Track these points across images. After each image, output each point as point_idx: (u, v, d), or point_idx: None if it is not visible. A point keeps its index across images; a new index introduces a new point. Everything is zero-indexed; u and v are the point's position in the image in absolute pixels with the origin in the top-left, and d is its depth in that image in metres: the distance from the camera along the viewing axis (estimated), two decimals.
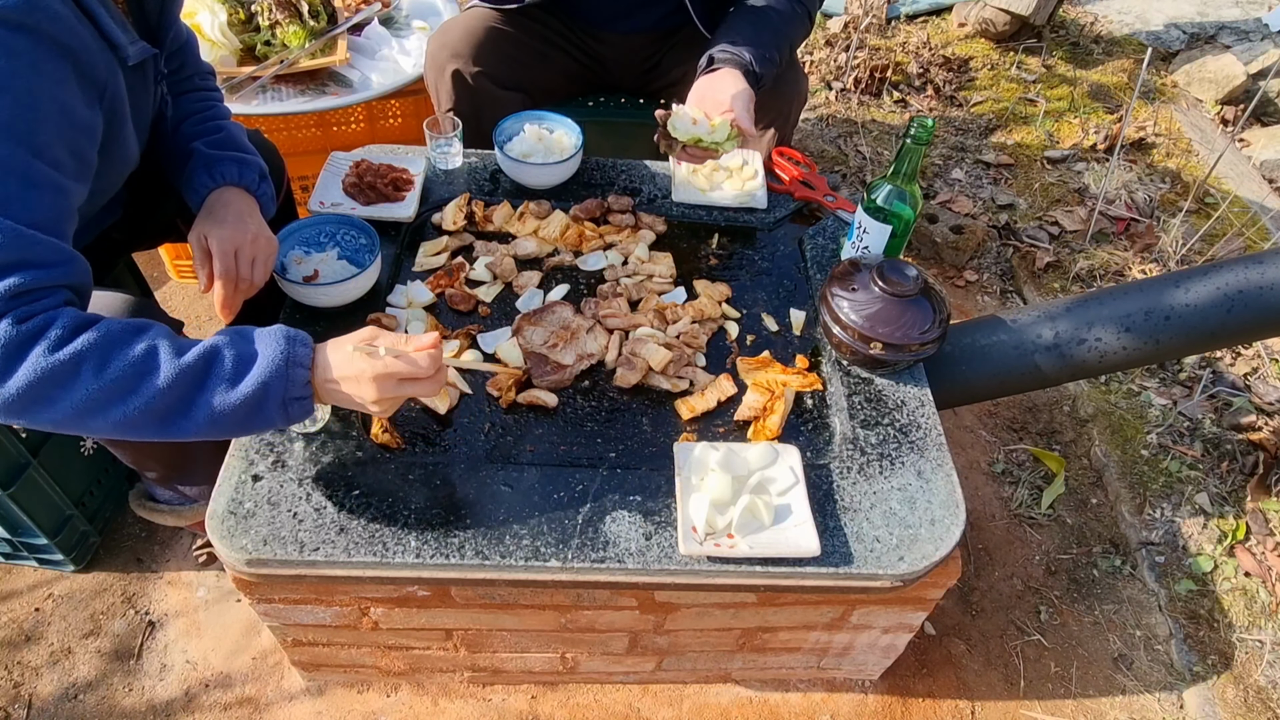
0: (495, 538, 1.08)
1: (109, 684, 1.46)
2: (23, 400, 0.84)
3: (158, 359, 0.88)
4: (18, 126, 0.85)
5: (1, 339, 0.83)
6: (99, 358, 0.86)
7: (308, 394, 0.95)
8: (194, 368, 0.89)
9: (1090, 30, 3.43)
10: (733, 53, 1.48)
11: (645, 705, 1.48)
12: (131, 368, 0.87)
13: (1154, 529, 1.76)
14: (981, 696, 1.54)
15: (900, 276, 1.26)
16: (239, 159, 1.25)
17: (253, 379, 0.90)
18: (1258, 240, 2.38)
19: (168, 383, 0.87)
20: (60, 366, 0.84)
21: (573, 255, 1.50)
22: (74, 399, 0.85)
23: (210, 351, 0.91)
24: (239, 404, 0.90)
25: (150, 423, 0.89)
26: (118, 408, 0.87)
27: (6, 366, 0.83)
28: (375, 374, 0.94)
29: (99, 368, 0.86)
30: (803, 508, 1.12)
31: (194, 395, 0.89)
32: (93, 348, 0.86)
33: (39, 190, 0.88)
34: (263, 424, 0.93)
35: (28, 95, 0.86)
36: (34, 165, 0.87)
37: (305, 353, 0.95)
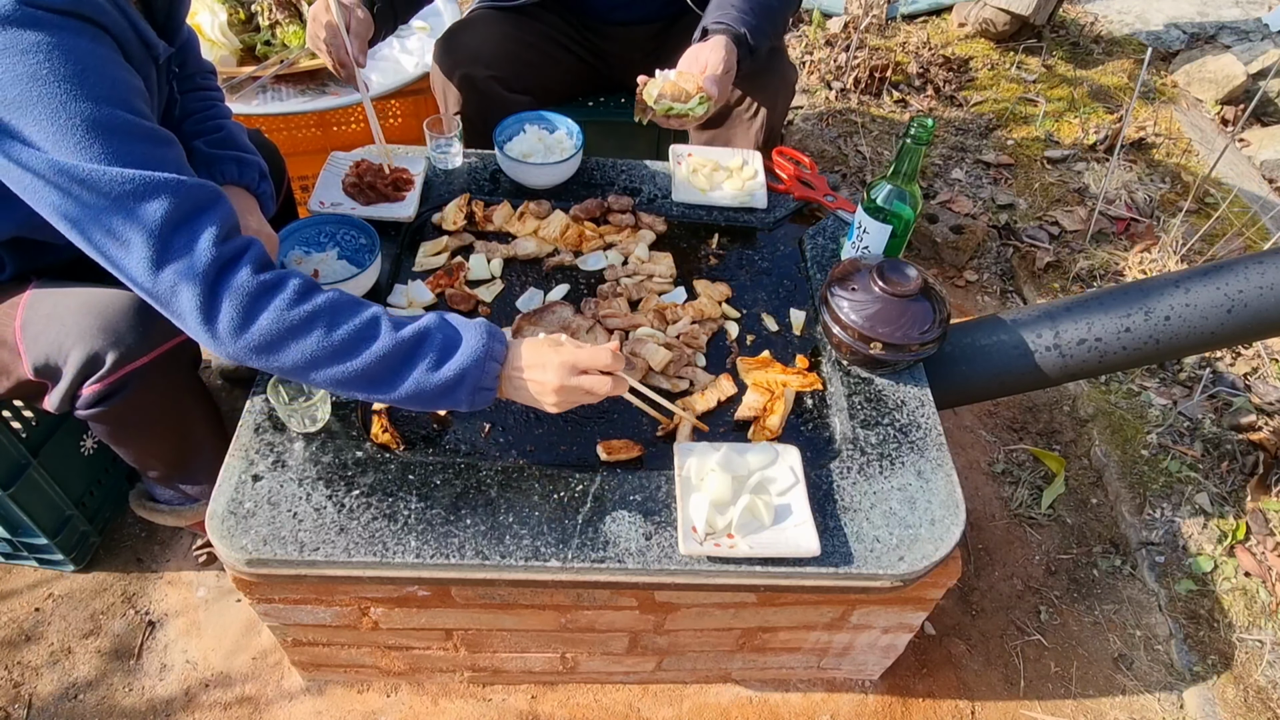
0: (495, 538, 1.08)
1: (109, 684, 1.46)
2: (262, 344, 0.95)
3: (379, 329, 0.99)
4: (117, 94, 0.92)
5: (246, 287, 0.94)
6: (330, 318, 0.97)
7: (494, 386, 1.04)
8: (407, 343, 0.99)
9: (1090, 30, 3.43)
10: (725, 23, 1.50)
11: (645, 705, 1.48)
12: (356, 332, 0.97)
13: (1154, 529, 1.76)
14: (981, 696, 1.54)
15: (900, 276, 1.26)
16: (238, 158, 1.26)
17: (454, 364, 1.00)
18: (1258, 240, 2.38)
19: (383, 351, 0.97)
20: (299, 320, 0.95)
21: (573, 255, 1.50)
22: (304, 350, 0.96)
23: (423, 332, 1.00)
24: (438, 383, 0.99)
25: (361, 383, 0.99)
26: (338, 365, 0.97)
27: (251, 312, 0.94)
28: (561, 360, 1.03)
29: (330, 327, 0.96)
30: (803, 508, 1.12)
31: (402, 368, 0.99)
32: (326, 309, 0.97)
33: (161, 143, 0.95)
34: (451, 403, 1.02)
35: (109, 65, 0.93)
36: (145, 124, 0.94)
37: (501, 349, 1.04)
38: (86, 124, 0.88)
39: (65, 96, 0.87)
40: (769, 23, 1.54)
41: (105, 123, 0.89)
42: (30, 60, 0.86)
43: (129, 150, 0.90)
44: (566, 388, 1.03)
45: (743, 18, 1.50)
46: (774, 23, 1.56)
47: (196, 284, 0.92)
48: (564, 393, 1.04)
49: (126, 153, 0.90)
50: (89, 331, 1.10)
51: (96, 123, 0.88)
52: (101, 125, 0.89)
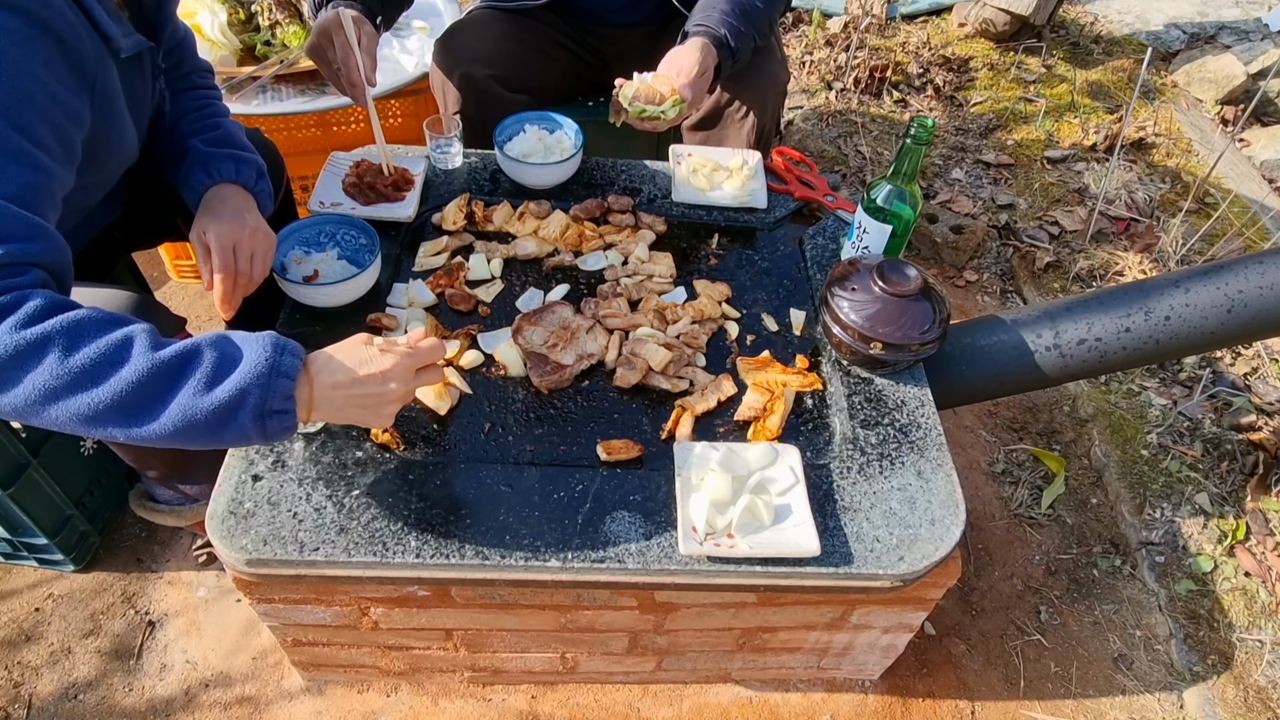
0: (495, 538, 1.08)
1: (109, 684, 1.46)
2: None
3: (130, 351, 0.83)
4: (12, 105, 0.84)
5: None
6: (68, 341, 0.81)
7: (289, 408, 0.88)
8: (169, 364, 0.83)
9: (1090, 30, 3.43)
10: (705, 26, 1.51)
11: (645, 705, 1.48)
12: (102, 356, 0.81)
13: (1154, 529, 1.76)
14: (981, 696, 1.54)
15: (900, 276, 1.26)
16: (236, 156, 1.25)
17: (231, 384, 0.84)
18: (1258, 240, 2.38)
19: (138, 376, 0.82)
20: (25, 345, 0.79)
21: (573, 255, 1.50)
22: (36, 382, 0.80)
23: (190, 350, 0.85)
24: (212, 409, 0.83)
25: (114, 418, 0.83)
26: (81, 397, 0.81)
27: None
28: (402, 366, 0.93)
29: (66, 352, 0.80)
30: (803, 508, 1.12)
31: (164, 394, 0.83)
32: (63, 330, 0.81)
33: (16, 164, 0.85)
34: (236, 435, 0.86)
35: (13, 70, 0.85)
36: (13, 138, 0.85)
37: (293, 363, 0.88)
38: None
39: None
40: (751, 25, 1.54)
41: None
42: None
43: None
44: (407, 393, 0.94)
45: (724, 19, 1.50)
46: (756, 24, 1.56)
47: None
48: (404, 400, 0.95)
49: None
50: None
51: None
52: None
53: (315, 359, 0.93)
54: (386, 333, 1.32)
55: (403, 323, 1.33)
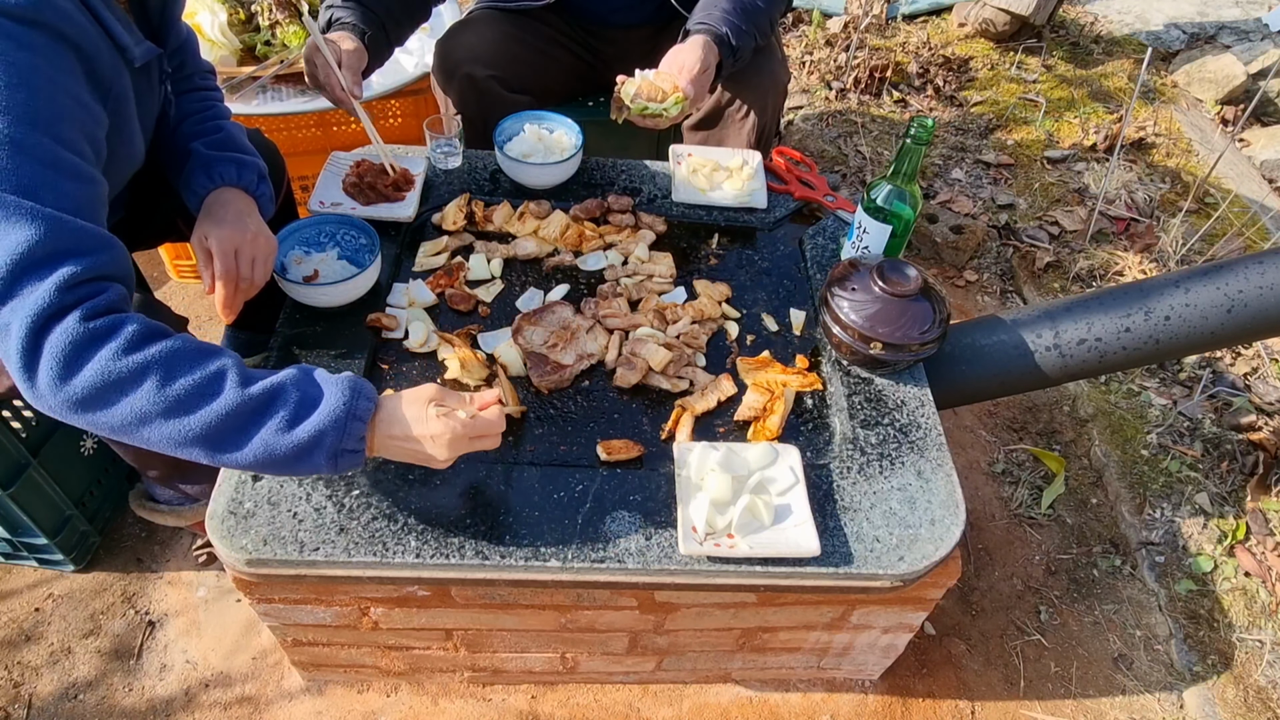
0: (495, 538, 1.08)
1: (109, 684, 1.46)
2: (84, 399, 0.85)
3: (223, 384, 0.89)
4: (41, 116, 0.86)
5: (70, 335, 0.84)
6: (165, 370, 0.86)
7: (360, 448, 0.94)
8: (256, 400, 0.89)
9: (1090, 30, 3.43)
10: (706, 24, 1.51)
11: (645, 705, 1.48)
12: (196, 387, 0.87)
13: (1154, 529, 1.76)
14: (981, 696, 1.54)
15: (900, 276, 1.26)
16: (237, 160, 1.25)
17: (311, 425, 0.90)
18: (1258, 240, 2.38)
19: (228, 409, 0.87)
20: (127, 371, 0.85)
21: (573, 255, 1.50)
22: (133, 406, 0.85)
23: (276, 388, 0.91)
24: (291, 446, 0.89)
25: (202, 445, 0.89)
26: (174, 423, 0.87)
27: (74, 363, 0.84)
28: (454, 436, 0.97)
29: (164, 381, 0.86)
30: (803, 508, 1.12)
31: (249, 428, 0.89)
32: (161, 359, 0.86)
33: (70, 178, 0.88)
34: (308, 469, 0.93)
35: (48, 86, 0.87)
36: (61, 153, 0.88)
37: (367, 407, 0.95)
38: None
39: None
40: (752, 23, 1.54)
41: (11, 141, 0.83)
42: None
43: (25, 174, 0.84)
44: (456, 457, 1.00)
45: (725, 18, 1.51)
46: (758, 23, 1.56)
47: (22, 328, 0.82)
48: (451, 463, 1.00)
49: (22, 176, 0.83)
50: None
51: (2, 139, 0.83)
52: (6, 142, 0.83)
53: (383, 405, 0.98)
54: (386, 332, 1.32)
55: (403, 323, 1.33)
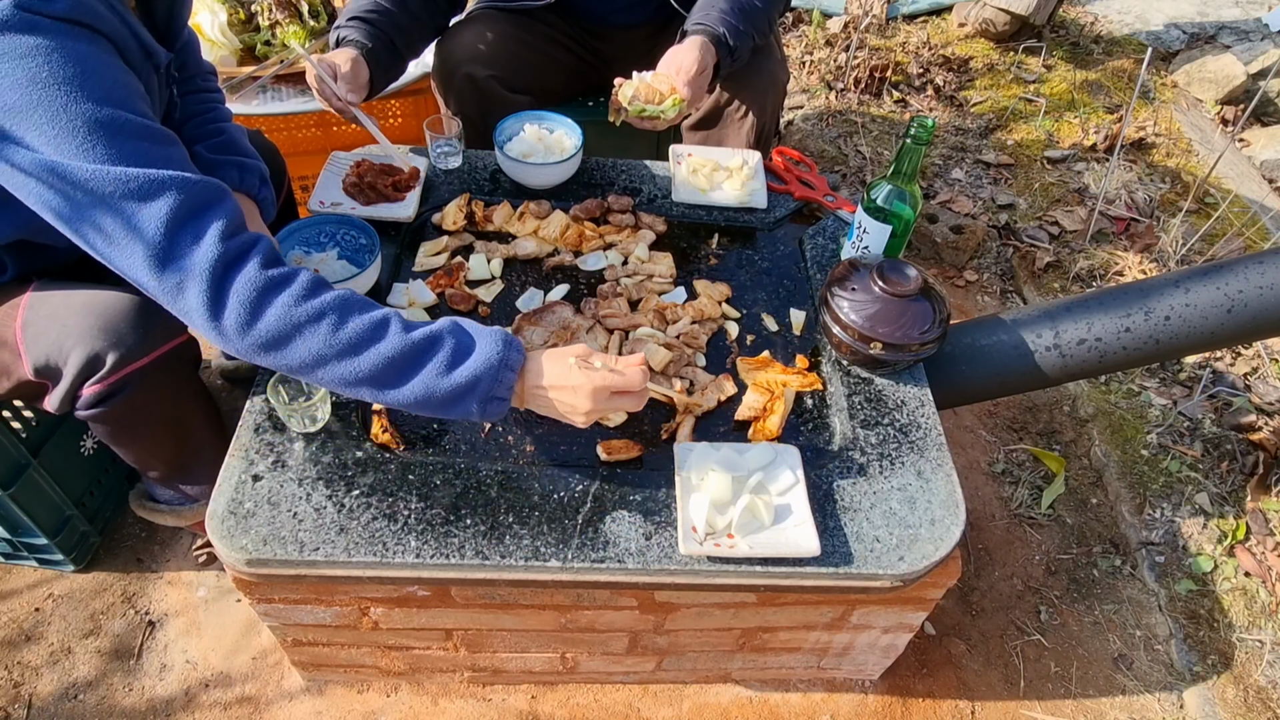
0: (495, 538, 1.08)
1: (109, 684, 1.46)
2: (268, 341, 0.93)
3: (388, 329, 0.97)
4: (118, 95, 0.91)
5: (253, 282, 0.92)
6: (338, 315, 0.95)
7: (508, 396, 1.00)
8: (418, 345, 0.97)
9: (1090, 30, 3.43)
10: (704, 24, 1.51)
11: (645, 705, 1.48)
12: (365, 331, 0.95)
13: (1154, 529, 1.76)
14: (981, 696, 1.54)
15: (900, 276, 1.26)
16: (240, 163, 1.26)
17: (467, 369, 0.97)
18: (1258, 240, 2.38)
19: (393, 352, 0.95)
20: (305, 316, 0.93)
21: (573, 255, 1.50)
22: (310, 347, 0.94)
23: (435, 334, 0.98)
24: (449, 388, 0.97)
25: (369, 383, 0.97)
26: (346, 363, 0.95)
27: (258, 308, 0.93)
28: (594, 386, 1.01)
29: (338, 324, 0.94)
30: (803, 508, 1.12)
31: (412, 370, 0.96)
32: (334, 305, 0.95)
33: (165, 143, 0.95)
34: (461, 411, 0.99)
35: (110, 68, 0.93)
36: (148, 124, 0.94)
37: (518, 359, 1.01)
38: (89, 125, 0.87)
39: (66, 99, 0.87)
40: (750, 23, 1.54)
41: (107, 123, 0.88)
42: (29, 64, 0.85)
43: (132, 149, 0.90)
44: (597, 411, 1.03)
45: (723, 18, 1.51)
46: (755, 23, 1.56)
47: (202, 281, 0.91)
48: (593, 415, 1.03)
49: (130, 152, 0.89)
50: (89, 332, 1.10)
51: (98, 123, 0.88)
52: (103, 125, 0.88)
53: (531, 359, 1.04)
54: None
55: None
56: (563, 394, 1.02)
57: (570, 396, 1.02)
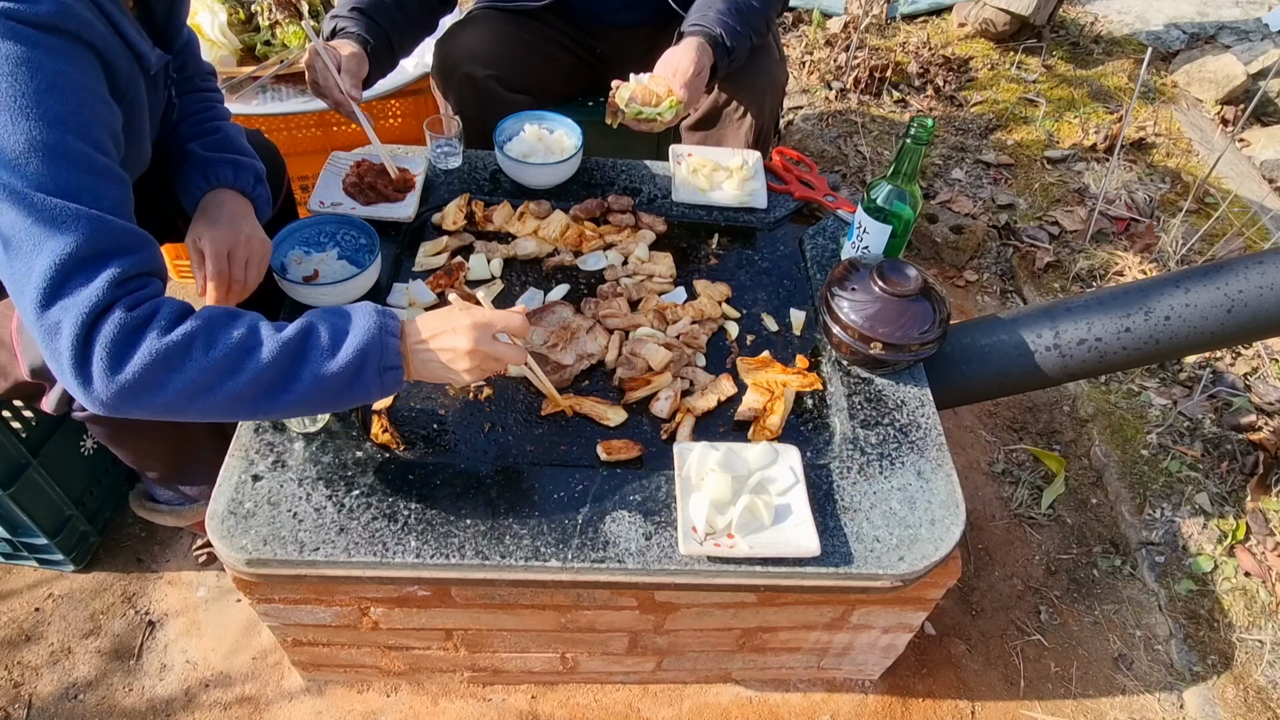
0: (495, 538, 1.08)
1: (109, 684, 1.46)
2: (138, 385, 0.87)
3: (259, 336, 0.93)
4: (76, 120, 0.88)
5: (116, 326, 0.86)
6: (206, 338, 0.90)
7: (399, 363, 0.98)
8: (294, 342, 0.93)
9: (1090, 30, 3.43)
10: (701, 25, 1.51)
11: (645, 705, 1.48)
12: (237, 345, 0.91)
13: (1154, 529, 1.76)
14: (981, 696, 1.54)
15: (900, 276, 1.26)
16: (234, 161, 1.25)
17: (350, 348, 0.94)
18: (1258, 240, 2.38)
19: (271, 356, 0.91)
20: (172, 348, 0.88)
21: (573, 255, 1.50)
22: (185, 379, 0.89)
23: (306, 326, 0.95)
24: (339, 373, 0.94)
25: (256, 397, 0.92)
26: (226, 384, 0.90)
27: (123, 352, 0.87)
28: (473, 321, 0.99)
29: (207, 346, 0.89)
30: (803, 508, 1.12)
31: (296, 368, 0.93)
32: (200, 329, 0.90)
33: (106, 179, 0.91)
34: (362, 392, 0.97)
35: (77, 90, 0.90)
36: (95, 156, 0.90)
37: (395, 323, 0.99)
38: (29, 144, 0.84)
39: (16, 113, 0.83)
40: (747, 24, 1.54)
41: (48, 146, 0.85)
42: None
43: (65, 178, 0.86)
44: (480, 352, 0.99)
45: (719, 19, 1.51)
46: (753, 23, 1.56)
47: (75, 325, 0.85)
48: (477, 357, 1.00)
49: (63, 180, 0.86)
50: None
51: (39, 145, 0.85)
52: (43, 148, 0.85)
53: (408, 321, 1.02)
54: None
55: None
56: (442, 339, 1.00)
57: (450, 340, 0.99)
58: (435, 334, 1.00)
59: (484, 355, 1.00)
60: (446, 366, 1.01)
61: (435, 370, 1.02)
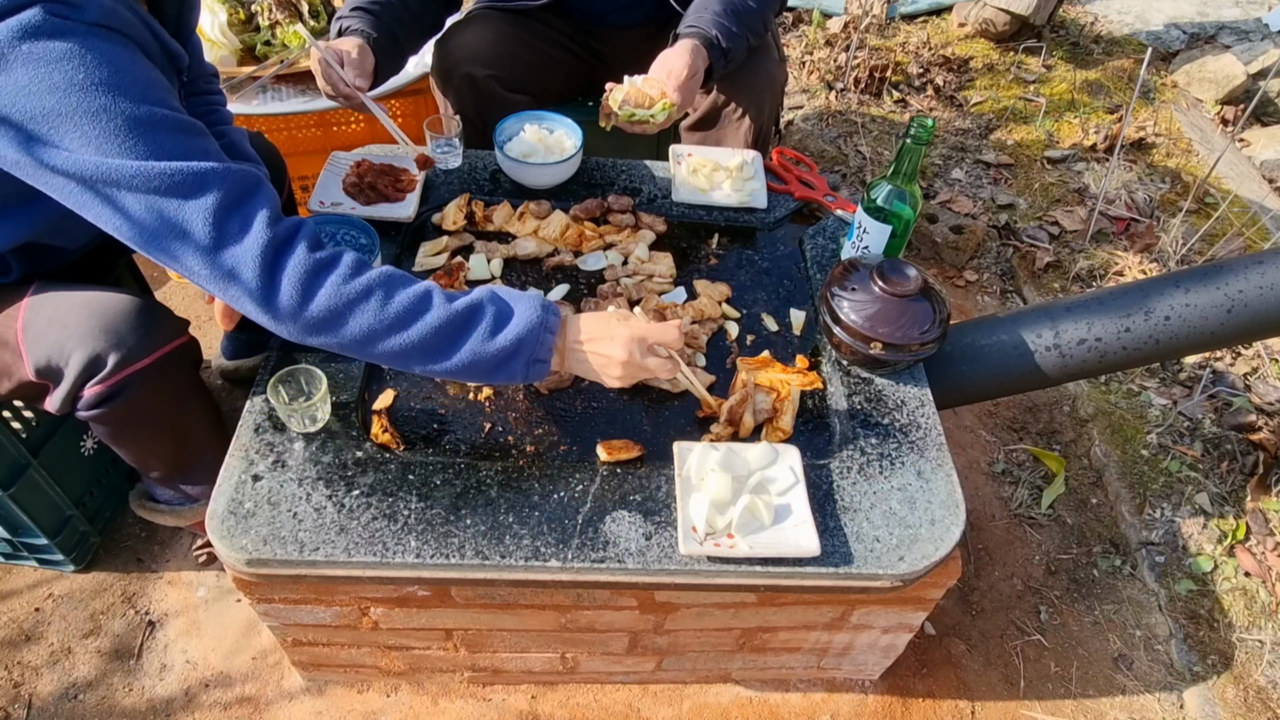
0: (495, 538, 1.08)
1: (109, 684, 1.46)
2: (321, 321, 0.96)
3: (432, 301, 1.00)
4: (152, 93, 0.93)
5: (302, 265, 0.95)
6: (385, 291, 0.98)
7: (549, 358, 1.04)
8: (461, 314, 1.00)
9: (1090, 30, 3.43)
10: (697, 27, 1.51)
11: (645, 705, 1.48)
12: (411, 304, 0.99)
13: (1154, 529, 1.76)
14: (981, 696, 1.54)
15: (900, 276, 1.26)
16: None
17: (510, 334, 1.01)
18: (1258, 240, 2.38)
19: (438, 322, 0.99)
20: (355, 293, 0.96)
21: (573, 255, 1.50)
22: (361, 323, 0.97)
23: (476, 303, 1.02)
24: (494, 353, 1.00)
25: (419, 354, 1.00)
26: (395, 337, 0.98)
27: (310, 289, 0.95)
28: (630, 334, 1.05)
29: (385, 299, 0.98)
30: (803, 508, 1.12)
31: (458, 337, 1.00)
32: (380, 281, 0.98)
33: (199, 135, 0.97)
34: (506, 376, 1.03)
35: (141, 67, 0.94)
36: (182, 118, 0.95)
37: (556, 320, 1.05)
38: (129, 123, 0.89)
39: (105, 100, 0.88)
40: (744, 26, 1.54)
41: (146, 120, 0.90)
42: (65, 68, 0.86)
43: (173, 144, 0.92)
44: (633, 364, 1.05)
45: (716, 20, 1.50)
46: (750, 24, 1.55)
47: (254, 266, 0.93)
48: (630, 368, 1.05)
49: (171, 147, 0.91)
50: (90, 333, 1.10)
51: (138, 121, 0.89)
52: (143, 123, 0.90)
53: (572, 319, 1.08)
54: None
55: None
56: (598, 345, 1.05)
57: (606, 347, 1.05)
58: (593, 339, 1.06)
59: (636, 367, 1.06)
60: (598, 371, 1.07)
61: (586, 370, 1.08)
